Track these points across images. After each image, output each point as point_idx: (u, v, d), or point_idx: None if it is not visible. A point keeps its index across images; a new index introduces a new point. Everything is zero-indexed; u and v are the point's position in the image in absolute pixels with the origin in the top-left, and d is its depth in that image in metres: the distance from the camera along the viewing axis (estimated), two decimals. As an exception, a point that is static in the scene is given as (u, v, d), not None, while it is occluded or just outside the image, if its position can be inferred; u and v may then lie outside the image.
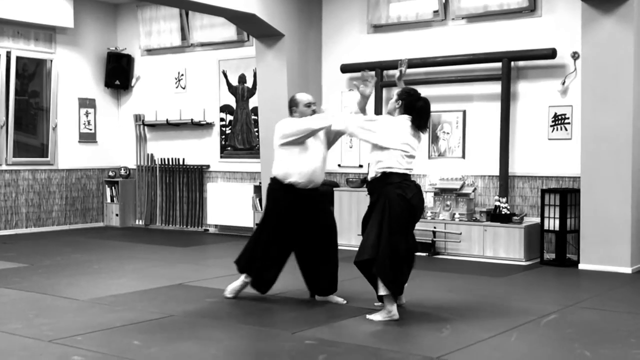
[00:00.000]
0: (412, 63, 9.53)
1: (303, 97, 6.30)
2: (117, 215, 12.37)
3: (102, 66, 12.39)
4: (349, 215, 9.76)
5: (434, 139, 9.55)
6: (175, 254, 9.24)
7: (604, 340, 5.08)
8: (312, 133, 6.10)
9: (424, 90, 9.57)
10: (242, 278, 6.40)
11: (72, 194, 12.13)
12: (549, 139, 8.79)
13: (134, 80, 12.49)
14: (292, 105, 6.30)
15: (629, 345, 4.94)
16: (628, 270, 7.84)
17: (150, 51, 12.29)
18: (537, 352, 4.80)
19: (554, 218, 8.32)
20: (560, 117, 8.71)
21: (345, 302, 6.21)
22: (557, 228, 8.32)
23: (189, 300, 6.40)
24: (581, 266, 8.11)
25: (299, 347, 4.89)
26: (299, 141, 6.08)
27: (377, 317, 5.56)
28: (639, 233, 8.00)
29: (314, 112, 6.21)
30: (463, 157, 9.38)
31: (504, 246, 8.48)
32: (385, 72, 9.88)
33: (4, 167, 11.29)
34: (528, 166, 8.95)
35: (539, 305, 6.10)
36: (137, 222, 12.51)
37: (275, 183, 6.24)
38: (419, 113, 5.83)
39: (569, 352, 4.78)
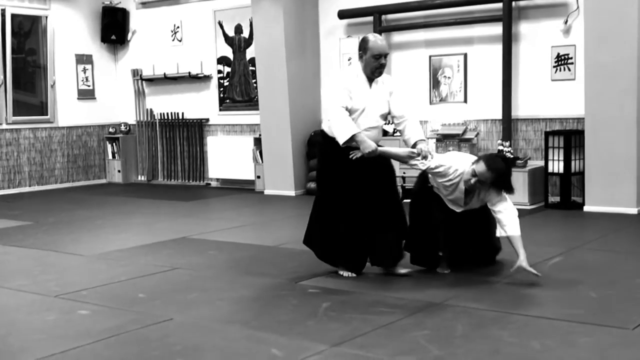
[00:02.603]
0: (410, 6, 9.42)
1: (374, 45, 5.16)
2: (119, 171, 12.34)
3: (98, 21, 12.23)
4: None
5: (435, 84, 9.45)
6: (178, 209, 9.22)
7: (610, 281, 5.06)
8: None
9: (423, 35, 9.53)
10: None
11: (73, 152, 12.08)
12: (552, 80, 8.68)
13: (130, 35, 12.34)
14: (362, 48, 5.22)
15: (635, 286, 4.92)
16: (634, 210, 7.80)
17: (145, 4, 12.12)
18: (543, 294, 4.78)
19: (558, 160, 8.25)
20: (563, 57, 8.58)
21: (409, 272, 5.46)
22: (561, 171, 8.27)
23: (193, 253, 6.39)
24: (586, 208, 8.07)
25: (302, 296, 4.88)
26: None
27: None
28: (644, 173, 7.94)
29: (381, 66, 5.18)
30: (465, 101, 9.27)
31: (508, 190, 8.43)
32: (383, 16, 9.73)
33: (4, 126, 11.21)
34: (531, 109, 8.85)
35: (544, 248, 6.07)
36: (139, 178, 12.48)
37: (323, 137, 5.42)
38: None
39: (575, 294, 4.76)
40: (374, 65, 5.17)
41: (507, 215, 5.06)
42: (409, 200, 5.62)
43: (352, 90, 5.16)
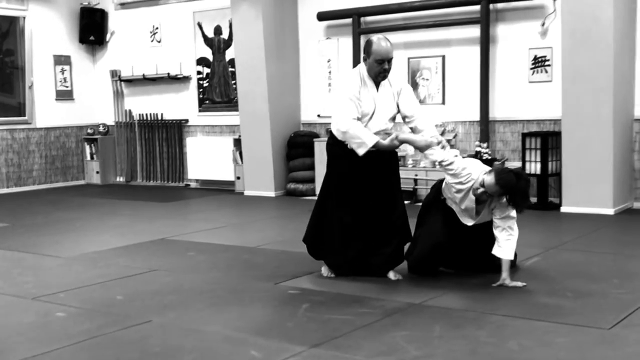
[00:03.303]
0: (389, 9, 9.46)
1: (378, 49, 5.02)
2: (97, 172, 12.28)
3: (76, 22, 12.17)
4: (331, 165, 9.71)
5: (414, 86, 9.49)
6: (157, 210, 9.19)
7: (587, 281, 5.10)
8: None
9: (401, 37, 9.57)
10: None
11: (51, 153, 12.01)
12: (530, 82, 8.75)
13: (108, 36, 12.29)
14: (366, 51, 5.13)
15: (612, 286, 4.97)
16: (610, 211, 7.87)
17: (123, 5, 12.08)
18: (520, 294, 4.81)
19: (536, 162, 8.32)
20: (540, 59, 8.66)
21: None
22: (538, 172, 8.33)
23: (171, 254, 6.38)
24: (563, 209, 8.14)
25: (282, 297, 4.89)
26: None
27: None
28: (621, 174, 8.02)
29: (385, 71, 5.09)
30: (443, 103, 9.32)
31: (486, 191, 8.47)
32: (362, 18, 9.76)
33: (-20, 127, 11.15)
34: (508, 110, 8.91)
35: (522, 249, 6.08)
36: (117, 179, 12.43)
37: (332, 138, 5.32)
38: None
39: (552, 294, 4.80)
40: (377, 70, 5.07)
41: (507, 237, 4.98)
42: (419, 205, 5.56)
43: (360, 96, 5.07)
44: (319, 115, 10.36)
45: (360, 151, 4.99)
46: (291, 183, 10.19)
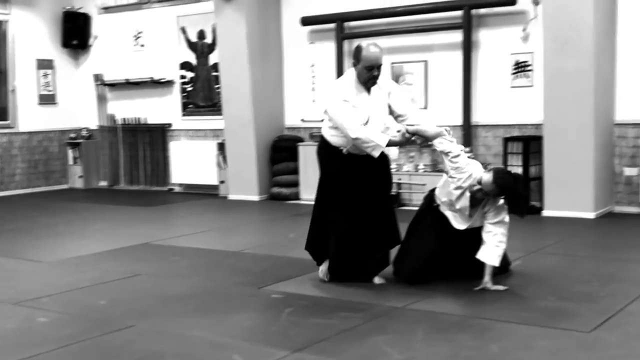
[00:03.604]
0: (372, 14, 9.50)
1: (367, 56, 4.97)
2: (80, 177, 12.23)
3: (59, 26, 12.12)
4: (314, 170, 9.71)
5: (397, 91, 9.52)
6: (140, 214, 9.17)
7: (568, 285, 5.15)
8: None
9: (384, 42, 9.57)
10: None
11: (34, 157, 11.95)
12: (511, 87, 8.81)
13: (91, 40, 12.25)
14: (355, 57, 5.06)
15: (592, 289, 5.01)
16: (591, 215, 7.93)
17: (107, 9, 12.05)
18: (502, 298, 4.84)
19: (517, 166, 8.36)
20: (521, 65, 8.72)
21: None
22: (520, 175, 8.38)
23: (155, 259, 6.37)
24: (545, 213, 8.19)
25: (265, 302, 4.90)
26: None
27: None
28: (602, 178, 8.09)
29: (374, 77, 5.04)
30: (425, 107, 9.36)
31: (469, 195, 8.52)
32: (346, 23, 9.79)
33: (-38, 131, 11.09)
34: (491, 115, 8.97)
35: (503, 252, 6.15)
36: (101, 184, 12.39)
37: (323, 143, 5.35)
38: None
39: (533, 298, 4.84)
40: (367, 77, 5.03)
41: (497, 243, 4.99)
42: (402, 209, 5.52)
43: (355, 103, 5.04)
44: (302, 120, 10.37)
45: (375, 153, 5.00)
46: (275, 187, 10.20)
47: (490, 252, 5.00)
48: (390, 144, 5.04)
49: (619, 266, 5.74)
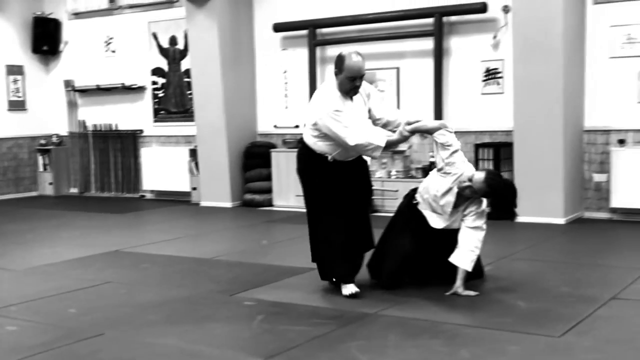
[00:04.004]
0: (344, 21, 9.53)
1: (350, 66, 4.92)
2: (50, 183, 12.12)
3: (29, 32, 12.02)
4: (287, 176, 9.74)
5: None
6: (111, 221, 9.11)
7: (537, 290, 5.19)
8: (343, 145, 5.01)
9: (357, 48, 9.54)
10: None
11: (3, 164, 11.82)
12: (482, 94, 8.87)
13: (62, 45, 12.16)
14: (337, 66, 5.00)
15: (561, 295, 5.06)
16: (561, 221, 8.01)
17: (77, 15, 11.97)
18: (473, 303, 4.87)
19: (489, 172, 8.42)
20: (492, 72, 8.79)
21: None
22: (491, 182, 8.43)
23: (125, 266, 6.33)
24: (516, 219, 8.25)
25: (237, 309, 4.88)
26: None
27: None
28: (572, 184, 8.17)
29: (356, 87, 5.01)
30: (398, 114, 9.38)
31: (441, 201, 8.56)
32: (318, 30, 9.82)
33: None
34: (462, 121, 9.01)
35: (474, 258, 6.18)
36: (71, 190, 12.28)
37: (304, 148, 5.26)
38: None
39: (503, 303, 4.87)
40: (349, 87, 4.98)
41: (472, 248, 5.01)
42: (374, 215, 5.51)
43: (344, 112, 4.96)
44: (275, 126, 10.37)
45: (377, 154, 5.01)
46: (248, 194, 10.18)
47: (464, 256, 5.02)
48: (389, 143, 5.03)
49: (588, 271, 5.80)
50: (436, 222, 5.20)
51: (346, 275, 5.17)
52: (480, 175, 4.93)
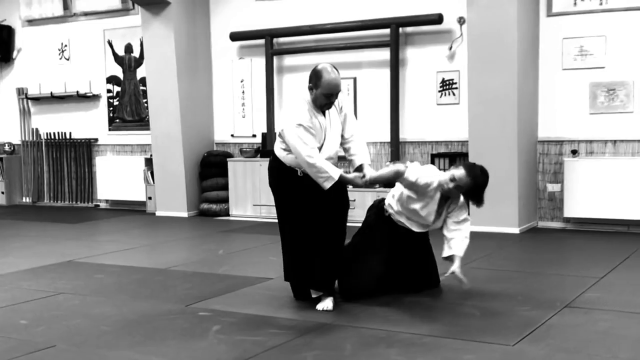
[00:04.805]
0: (301, 30, 9.54)
1: (327, 84, 4.80)
2: (2, 193, 11.92)
3: (-20, 38, 11.83)
4: (244, 186, 9.71)
5: (326, 107, 9.57)
6: (65, 231, 8.98)
7: (492, 298, 5.23)
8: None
9: (314, 58, 9.65)
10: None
11: (-48, 173, 11.61)
12: (438, 104, 8.95)
13: (15, 53, 11.98)
14: (312, 81, 4.87)
15: (516, 303, 5.10)
16: (516, 230, 8.10)
17: (31, 22, 11.80)
18: (428, 312, 4.89)
19: (444, 182, 8.49)
20: (448, 82, 8.87)
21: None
22: (447, 191, 8.50)
23: (79, 277, 6.23)
24: (471, 228, 8.29)
25: (192, 319, 4.83)
26: None
27: None
28: (526, 194, 8.27)
29: (331, 103, 4.91)
30: (355, 124, 9.42)
31: (397, 211, 8.59)
32: (275, 39, 9.81)
33: None
34: (418, 131, 9.09)
35: (430, 267, 6.21)
36: (24, 200, 12.09)
37: (275, 161, 5.13)
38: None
39: (459, 312, 4.90)
40: (323, 103, 4.87)
41: (463, 238, 5.12)
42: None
43: (312, 125, 4.88)
44: (232, 135, 10.33)
45: (327, 185, 4.84)
46: (204, 203, 10.12)
47: (459, 245, 5.12)
48: (342, 179, 4.90)
49: (542, 280, 5.87)
50: (418, 228, 5.25)
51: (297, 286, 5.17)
52: (461, 172, 4.97)
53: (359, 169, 5.07)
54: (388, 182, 5.18)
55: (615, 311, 4.83)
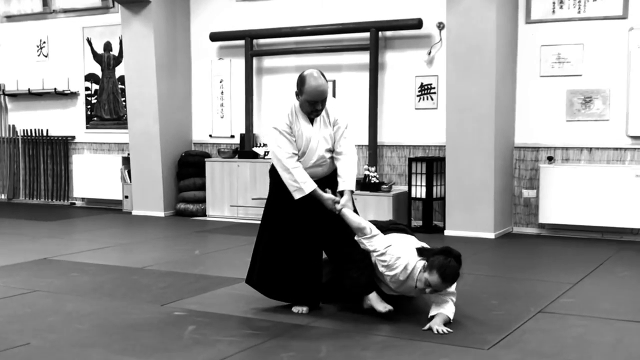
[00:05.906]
0: (282, 32, 9.55)
1: (310, 91, 4.72)
2: (-24, 189, 11.82)
3: (-43, 32, 11.73)
4: (221, 186, 9.70)
5: (305, 109, 9.58)
6: (40, 229, 8.92)
7: (468, 302, 5.26)
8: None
9: (293, 60, 9.68)
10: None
11: None
12: (416, 109, 8.99)
13: (-8, 48, 11.90)
14: (298, 87, 4.79)
15: (491, 307, 5.15)
16: (491, 235, 8.16)
17: (10, 18, 11.71)
18: (403, 316, 4.89)
19: (421, 186, 8.54)
20: (426, 87, 8.92)
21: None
22: (423, 196, 8.55)
23: (53, 275, 6.20)
24: (447, 232, 8.37)
25: (167, 319, 4.82)
26: None
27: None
28: (502, 199, 8.33)
29: (317, 111, 4.82)
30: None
31: (374, 214, 8.59)
32: (255, 41, 9.81)
33: None
34: (396, 135, 9.13)
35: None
36: (-2, 197, 12.01)
37: (273, 169, 5.03)
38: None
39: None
40: (309, 110, 4.79)
41: (450, 305, 4.75)
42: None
43: (294, 130, 4.81)
44: (210, 135, 10.31)
45: (296, 195, 4.78)
46: (181, 203, 10.09)
47: (449, 310, 4.72)
48: (315, 195, 4.81)
49: (517, 285, 5.91)
50: (387, 290, 4.98)
51: (298, 298, 5.06)
52: (435, 279, 4.58)
53: (340, 193, 4.91)
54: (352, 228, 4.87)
55: (589, 317, 4.88)
